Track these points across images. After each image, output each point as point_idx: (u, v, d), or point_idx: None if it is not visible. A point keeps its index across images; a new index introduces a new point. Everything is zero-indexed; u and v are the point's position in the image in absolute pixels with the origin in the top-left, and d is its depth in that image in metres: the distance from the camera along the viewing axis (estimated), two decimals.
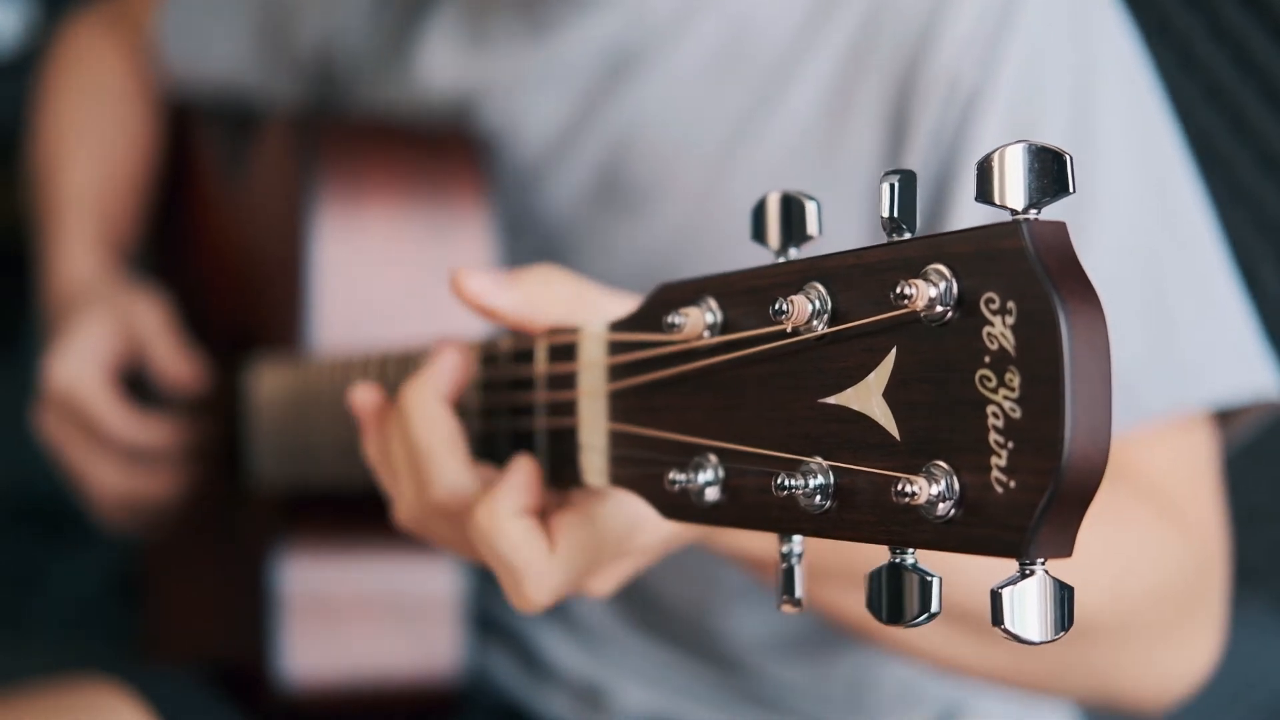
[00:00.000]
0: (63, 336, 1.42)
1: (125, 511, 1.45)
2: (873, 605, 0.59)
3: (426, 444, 0.83)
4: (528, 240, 1.26)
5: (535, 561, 0.78)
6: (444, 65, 1.32)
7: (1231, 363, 1.06)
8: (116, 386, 1.41)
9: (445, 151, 1.25)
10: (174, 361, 1.41)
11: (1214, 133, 1.45)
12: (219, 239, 1.52)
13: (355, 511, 1.22)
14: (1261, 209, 1.43)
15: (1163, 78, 1.47)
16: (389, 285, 1.22)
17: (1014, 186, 0.53)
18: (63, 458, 1.44)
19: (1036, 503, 0.52)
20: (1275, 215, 1.43)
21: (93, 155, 1.62)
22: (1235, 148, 1.44)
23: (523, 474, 0.80)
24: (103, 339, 1.40)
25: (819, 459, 0.60)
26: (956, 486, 0.54)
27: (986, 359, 0.53)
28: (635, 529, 0.80)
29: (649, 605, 1.24)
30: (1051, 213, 0.54)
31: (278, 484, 1.23)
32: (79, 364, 1.38)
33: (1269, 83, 1.42)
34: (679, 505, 0.68)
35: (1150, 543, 0.99)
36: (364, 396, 0.91)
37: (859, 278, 0.59)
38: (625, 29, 1.21)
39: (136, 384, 1.45)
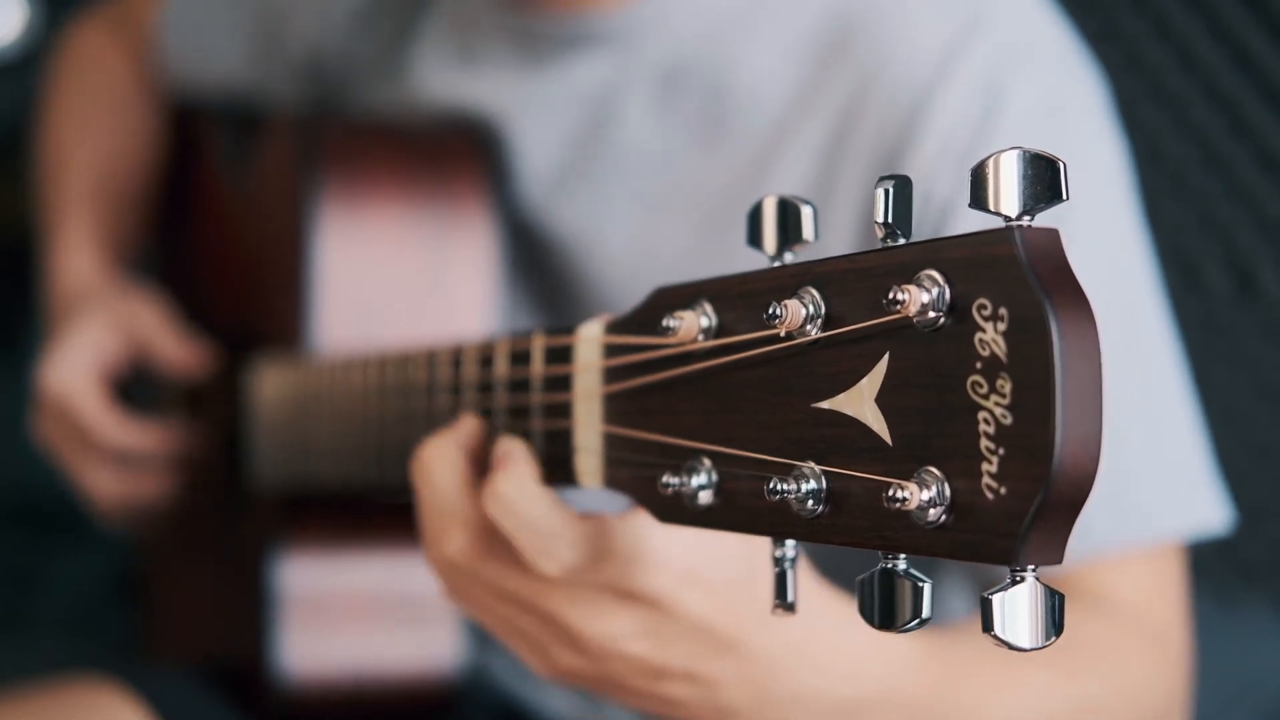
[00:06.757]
0: (57, 341, 1.42)
1: (123, 512, 1.46)
2: (865, 610, 0.59)
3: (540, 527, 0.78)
4: (519, 263, 1.27)
5: (567, 523, 0.76)
6: (434, 78, 1.32)
7: (1184, 499, 1.07)
8: (109, 391, 1.41)
9: (448, 152, 1.25)
10: (177, 348, 1.42)
11: (1214, 133, 1.45)
12: (223, 239, 1.52)
13: (354, 511, 1.22)
14: (1262, 209, 1.43)
15: (1162, 78, 1.47)
16: (391, 285, 1.22)
17: (1008, 193, 0.53)
18: (60, 461, 1.45)
19: (1027, 509, 0.52)
20: (1275, 215, 1.43)
21: (94, 157, 1.62)
22: (1235, 148, 1.44)
23: (526, 449, 0.79)
24: (97, 343, 1.40)
25: (812, 463, 0.60)
26: (948, 492, 0.54)
27: (978, 365, 0.53)
28: (640, 559, 0.77)
29: None
30: None
31: (278, 484, 1.23)
32: (72, 369, 1.38)
33: (1269, 83, 1.42)
34: (672, 508, 0.68)
35: (1142, 675, 1.01)
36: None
37: (853, 283, 0.59)
38: (614, 75, 1.21)
39: (136, 388, 1.46)
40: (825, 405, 0.60)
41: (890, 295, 0.55)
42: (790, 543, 0.64)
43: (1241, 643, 1.46)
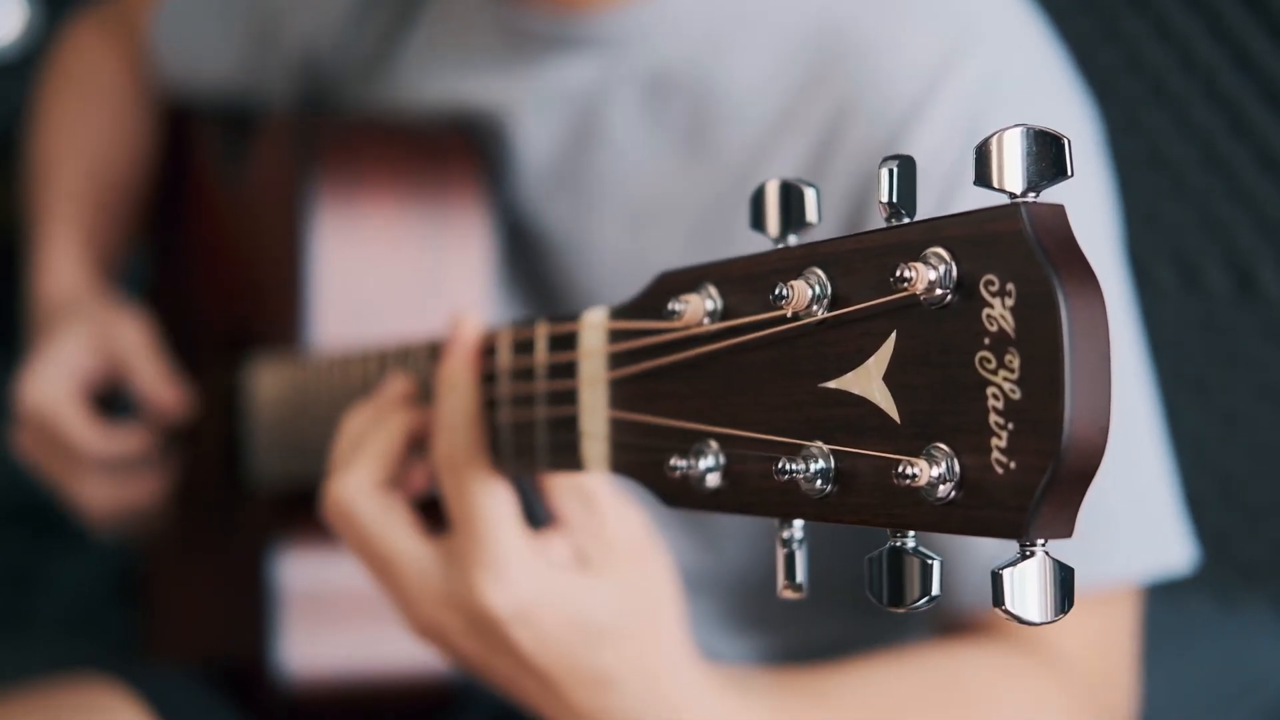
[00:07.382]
0: (36, 355, 1.42)
1: (115, 519, 1.45)
2: (873, 589, 0.58)
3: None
4: (511, 263, 1.27)
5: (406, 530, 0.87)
6: (427, 76, 1.32)
7: (1151, 540, 1.06)
8: (88, 403, 1.41)
9: (443, 151, 1.26)
10: (157, 385, 1.41)
11: (1214, 133, 1.45)
12: (219, 238, 1.52)
13: None
14: (1262, 209, 1.43)
15: (1162, 78, 1.48)
16: (387, 283, 1.22)
17: (1012, 169, 0.54)
18: (44, 474, 1.44)
19: (1037, 483, 0.52)
20: (1275, 215, 1.43)
21: (83, 159, 1.61)
22: (1235, 148, 1.44)
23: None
24: (76, 357, 1.40)
25: (820, 443, 0.60)
26: (957, 468, 0.54)
27: (986, 341, 0.53)
28: (487, 578, 0.83)
29: None
30: None
31: (277, 482, 1.23)
32: (49, 382, 1.38)
33: (1269, 83, 1.42)
34: (681, 491, 0.68)
35: None
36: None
37: (858, 262, 0.59)
38: (600, 79, 1.21)
39: (118, 394, 1.45)
40: (833, 385, 0.60)
41: (897, 273, 0.55)
42: (798, 523, 0.64)
43: (1241, 643, 1.46)
